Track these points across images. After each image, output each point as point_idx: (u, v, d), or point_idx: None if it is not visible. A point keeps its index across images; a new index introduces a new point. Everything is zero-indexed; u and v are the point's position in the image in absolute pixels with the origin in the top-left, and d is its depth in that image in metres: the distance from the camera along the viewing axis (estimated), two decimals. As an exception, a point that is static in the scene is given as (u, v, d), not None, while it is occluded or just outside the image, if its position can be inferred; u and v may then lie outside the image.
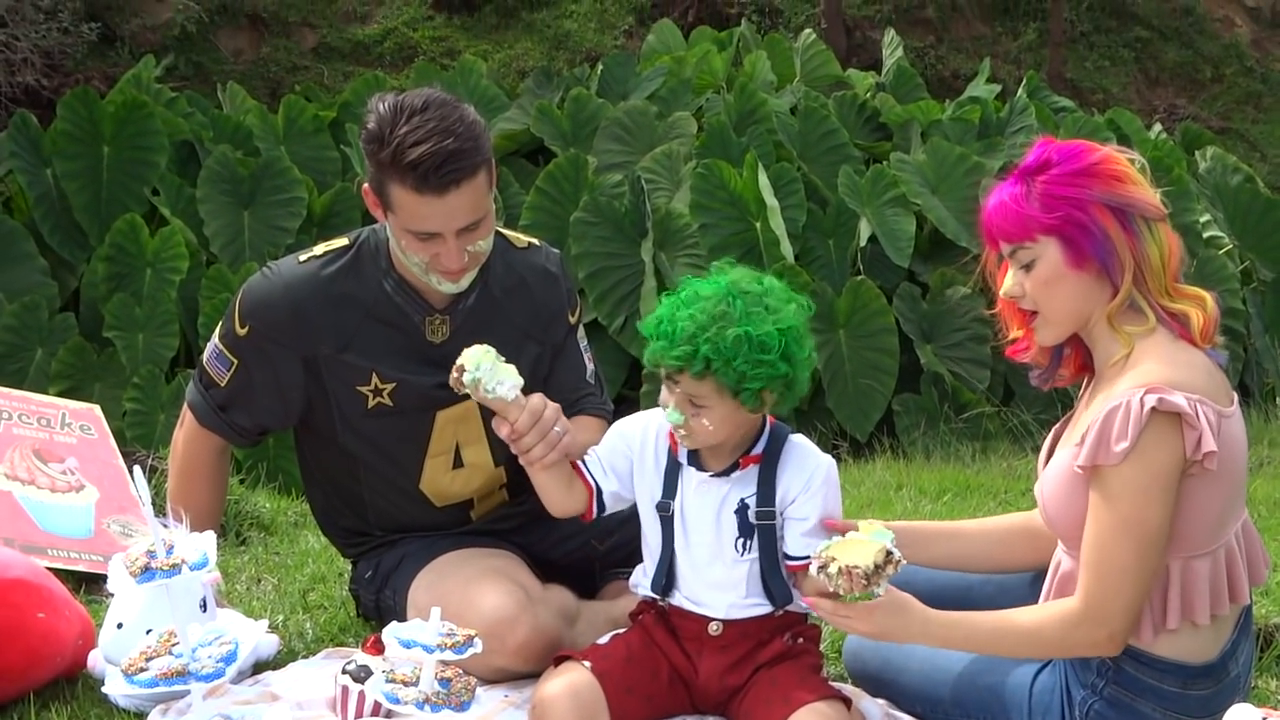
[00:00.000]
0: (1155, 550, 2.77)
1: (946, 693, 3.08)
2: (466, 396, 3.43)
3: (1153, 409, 2.71)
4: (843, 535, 2.90)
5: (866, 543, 2.83)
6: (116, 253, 9.15)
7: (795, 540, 3.07)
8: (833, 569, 2.81)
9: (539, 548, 3.66)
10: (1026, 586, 3.19)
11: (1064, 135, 10.31)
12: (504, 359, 3.14)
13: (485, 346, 3.15)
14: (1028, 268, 2.89)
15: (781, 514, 3.09)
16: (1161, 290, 2.87)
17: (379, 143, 3.23)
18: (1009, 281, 2.94)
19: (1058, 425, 3.08)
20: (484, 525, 3.64)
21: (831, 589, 2.83)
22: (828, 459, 3.16)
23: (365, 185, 3.35)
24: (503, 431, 3.16)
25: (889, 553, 2.82)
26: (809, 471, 3.10)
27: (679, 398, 3.02)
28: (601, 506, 3.22)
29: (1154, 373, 2.76)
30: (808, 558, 2.98)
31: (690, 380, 2.98)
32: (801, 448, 3.14)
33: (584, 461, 3.21)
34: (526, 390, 3.16)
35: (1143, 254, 2.85)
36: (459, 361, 3.11)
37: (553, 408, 3.19)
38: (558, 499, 3.22)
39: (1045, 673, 2.99)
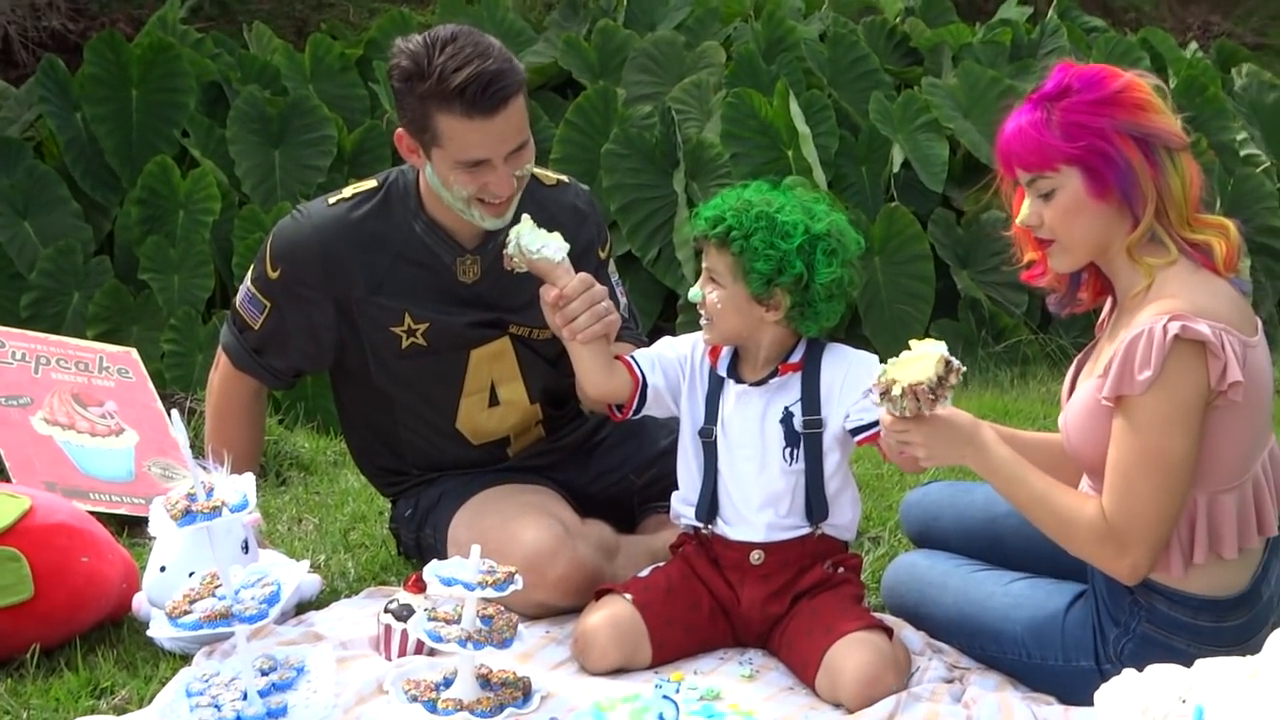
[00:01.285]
0: (1179, 482, 2.74)
1: (981, 626, 3.07)
2: (499, 334, 3.45)
3: (1175, 336, 2.67)
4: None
5: (922, 356, 2.79)
6: (149, 195, 9.14)
7: (856, 414, 3.09)
8: (896, 391, 2.78)
9: (577, 483, 3.67)
10: None
11: (1097, 56, 10.21)
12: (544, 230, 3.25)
13: (525, 216, 3.26)
14: (1046, 197, 2.84)
15: (829, 417, 3.11)
16: (1183, 222, 2.82)
17: (419, 77, 3.21)
18: (1025, 211, 2.89)
19: (1080, 355, 3.05)
20: (521, 461, 3.65)
21: (897, 413, 2.80)
22: (867, 353, 3.18)
23: (399, 131, 3.33)
24: (549, 296, 3.21)
25: (948, 361, 2.78)
26: (847, 363, 3.14)
27: (704, 274, 3.12)
28: (643, 401, 3.24)
29: (1176, 301, 2.72)
30: (874, 424, 3.00)
31: (713, 252, 3.09)
32: (840, 350, 3.18)
33: (632, 356, 3.23)
34: None
35: (1165, 186, 2.80)
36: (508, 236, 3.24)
37: (601, 288, 3.25)
38: (598, 379, 3.24)
39: (1078, 607, 2.97)
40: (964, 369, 2.81)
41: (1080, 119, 2.79)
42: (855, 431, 3.10)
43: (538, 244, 3.22)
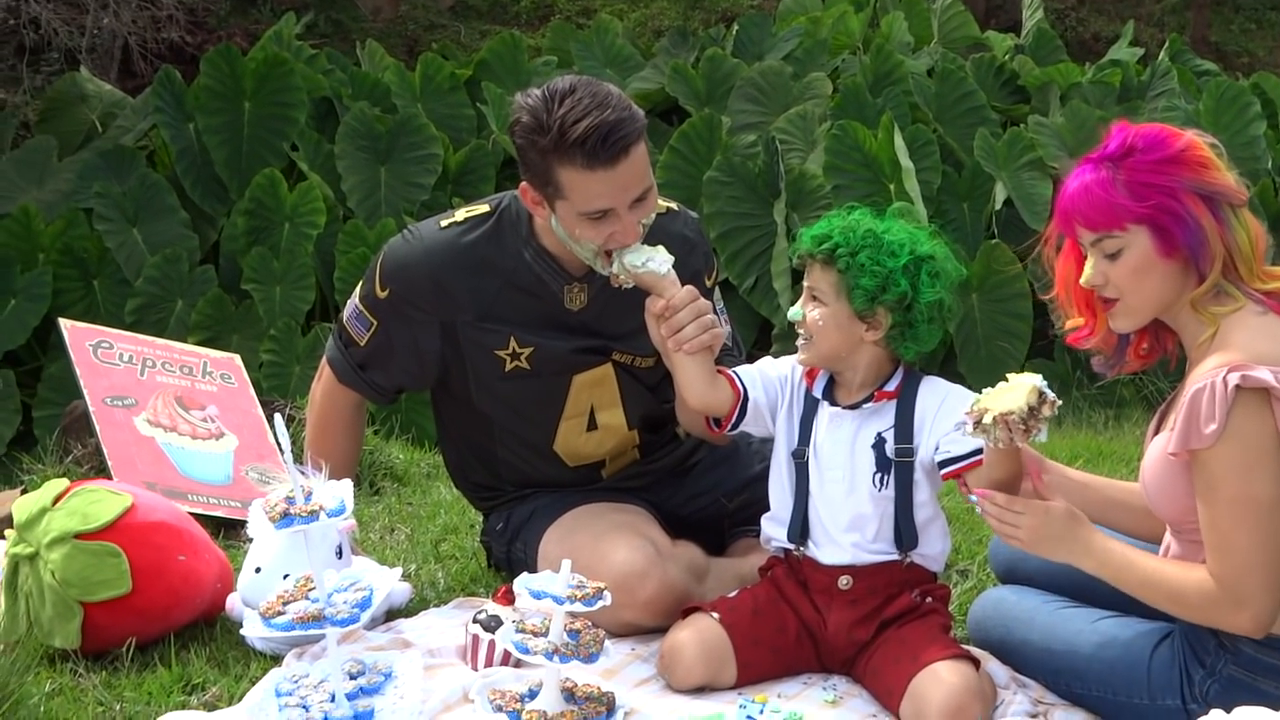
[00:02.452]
0: (1275, 524, 2.72)
1: (1067, 664, 3.06)
2: (603, 361, 3.48)
3: (1237, 386, 2.66)
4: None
5: (1015, 386, 2.79)
6: (256, 207, 9.28)
7: (945, 446, 3.08)
8: (987, 419, 2.77)
9: (669, 504, 3.68)
10: None
11: (1207, 100, 10.13)
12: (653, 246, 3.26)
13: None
14: (1113, 256, 2.84)
15: (921, 446, 3.11)
16: (1252, 275, 2.83)
17: (539, 131, 3.21)
18: (1089, 271, 2.89)
19: (1163, 406, 3.03)
20: (615, 482, 3.67)
21: (990, 443, 2.81)
22: (963, 388, 3.18)
23: (523, 185, 3.35)
24: (656, 307, 3.22)
25: (1041, 392, 2.77)
26: (943, 394, 3.15)
27: (804, 293, 3.14)
28: (743, 414, 3.25)
29: (1236, 350, 2.72)
30: (966, 456, 3.01)
31: (817, 269, 3.11)
32: (936, 382, 3.20)
33: (733, 371, 3.26)
34: None
35: (1233, 242, 2.81)
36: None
37: (706, 301, 3.27)
38: (699, 390, 3.24)
39: (1165, 647, 2.96)
40: (1059, 402, 2.80)
41: (1148, 178, 2.81)
42: (943, 464, 3.10)
43: (643, 258, 3.24)
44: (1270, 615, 2.76)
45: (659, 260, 3.24)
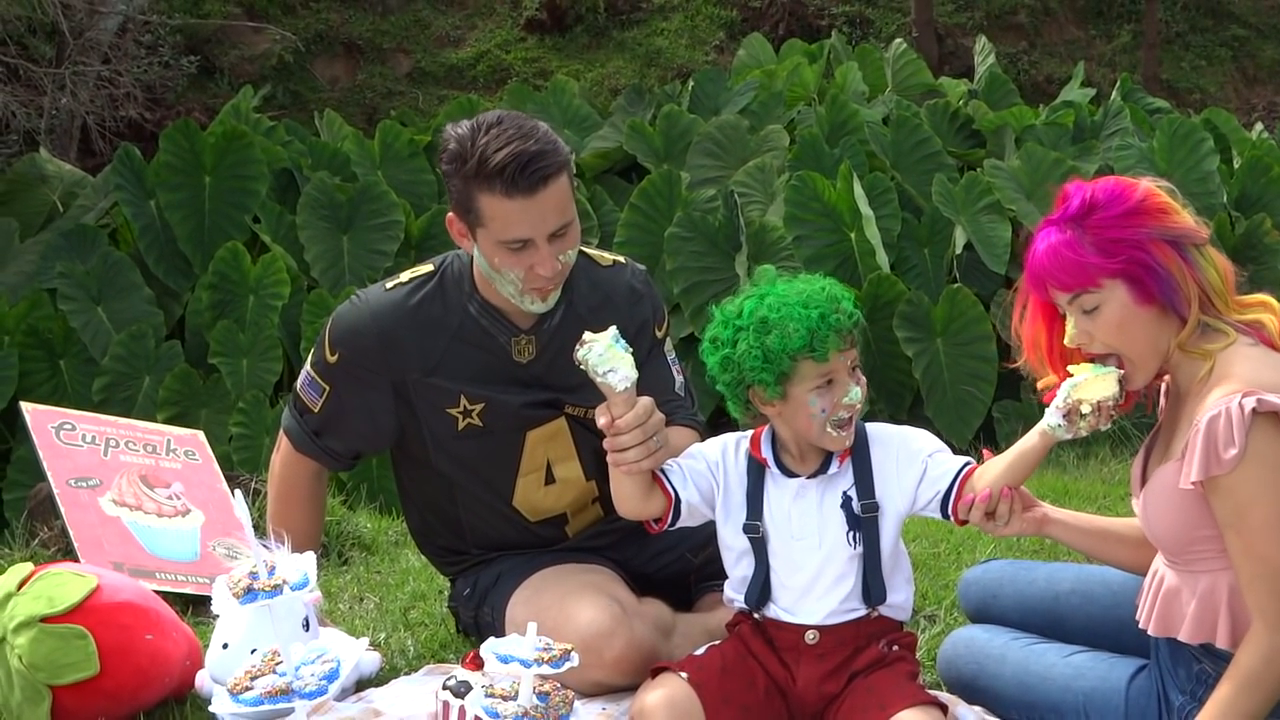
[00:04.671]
0: None
1: (1042, 698, 3.07)
2: (555, 415, 3.48)
3: (1253, 410, 2.70)
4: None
5: (1099, 377, 2.88)
6: (220, 280, 9.29)
7: (933, 478, 3.09)
8: (1085, 409, 2.86)
9: (635, 562, 3.68)
10: (1111, 596, 3.18)
11: (1160, 137, 10.22)
12: (629, 349, 3.07)
13: (611, 329, 3.09)
14: (1091, 313, 2.88)
15: (885, 498, 3.10)
16: (1228, 307, 2.87)
17: (461, 160, 3.28)
18: (1073, 330, 2.92)
19: (1146, 442, 3.06)
20: (579, 541, 3.67)
21: (1072, 435, 2.91)
22: (899, 427, 3.20)
23: (450, 215, 3.40)
24: (601, 421, 3.10)
25: (1121, 380, 2.89)
26: (894, 443, 3.14)
27: (845, 372, 3.04)
28: (677, 516, 3.22)
29: (1243, 379, 2.75)
30: (953, 482, 3.06)
31: (854, 349, 3.06)
32: (878, 429, 3.18)
33: (664, 471, 3.22)
34: None
35: (1204, 280, 2.86)
36: (583, 337, 3.07)
37: (659, 418, 3.13)
38: (633, 505, 3.20)
39: (1142, 678, 2.97)
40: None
41: (1115, 234, 2.85)
42: (942, 505, 3.09)
43: (605, 367, 3.04)
44: None
45: (619, 376, 3.05)
